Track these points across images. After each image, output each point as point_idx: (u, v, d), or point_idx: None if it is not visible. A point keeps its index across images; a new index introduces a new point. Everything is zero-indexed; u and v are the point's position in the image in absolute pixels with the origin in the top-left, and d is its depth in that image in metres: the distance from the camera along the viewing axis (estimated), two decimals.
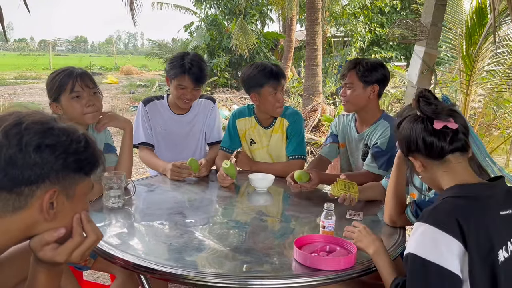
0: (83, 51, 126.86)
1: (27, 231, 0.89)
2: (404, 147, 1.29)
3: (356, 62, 2.18)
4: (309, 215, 1.79)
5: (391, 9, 14.97)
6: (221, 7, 15.35)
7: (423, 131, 1.22)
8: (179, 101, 2.43)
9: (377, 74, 2.15)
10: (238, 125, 2.50)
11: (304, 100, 8.56)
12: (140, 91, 15.32)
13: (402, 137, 1.29)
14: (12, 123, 0.85)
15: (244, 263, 1.32)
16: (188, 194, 2.01)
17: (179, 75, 2.32)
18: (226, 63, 13.76)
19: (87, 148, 0.92)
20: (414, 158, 1.27)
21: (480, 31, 4.10)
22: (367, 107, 2.20)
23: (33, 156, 0.83)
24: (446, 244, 1.06)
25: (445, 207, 1.15)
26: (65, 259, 0.92)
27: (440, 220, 1.09)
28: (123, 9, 6.39)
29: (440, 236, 1.07)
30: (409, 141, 1.26)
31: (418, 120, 1.25)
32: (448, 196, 1.17)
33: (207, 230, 1.58)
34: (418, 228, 1.12)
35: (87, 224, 0.95)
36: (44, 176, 0.85)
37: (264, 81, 2.26)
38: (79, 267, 1.86)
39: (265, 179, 2.10)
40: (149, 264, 1.28)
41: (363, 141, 2.24)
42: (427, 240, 1.09)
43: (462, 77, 4.41)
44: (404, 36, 3.24)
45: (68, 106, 1.87)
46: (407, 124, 1.27)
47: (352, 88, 2.16)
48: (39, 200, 0.86)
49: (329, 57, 13.75)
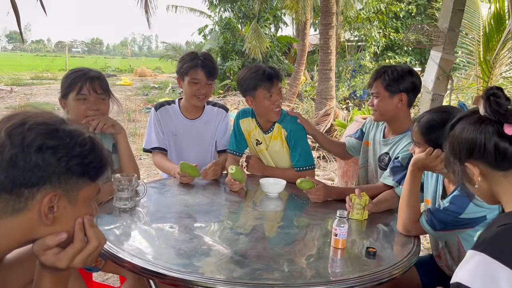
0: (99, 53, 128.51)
1: (29, 234, 0.87)
2: (463, 151, 1.11)
3: (382, 71, 2.12)
4: (320, 221, 1.76)
5: (406, 14, 14.83)
6: (235, 10, 15.40)
7: (495, 135, 1.05)
8: (193, 99, 2.41)
9: (404, 82, 2.07)
10: (242, 125, 2.46)
11: (317, 105, 8.52)
12: (154, 93, 15.43)
13: (461, 140, 1.10)
14: (16, 123, 0.83)
15: (254, 270, 1.29)
16: (199, 198, 2.00)
17: (192, 68, 2.32)
18: (239, 67, 13.80)
19: (92, 151, 0.89)
20: (473, 164, 1.10)
21: (498, 37, 4.04)
22: (396, 116, 2.13)
23: (34, 158, 0.81)
24: (506, 279, 0.91)
25: (507, 236, 0.98)
26: (67, 264, 0.89)
27: (501, 251, 0.94)
28: (139, 11, 6.46)
29: (501, 270, 0.92)
30: (473, 144, 1.08)
31: (485, 122, 1.07)
32: (511, 224, 1.00)
33: (217, 235, 1.57)
34: (473, 257, 0.96)
35: (89, 229, 0.92)
36: (45, 178, 0.83)
37: (257, 84, 2.21)
38: (89, 269, 1.86)
39: (277, 184, 2.08)
40: (157, 269, 1.26)
41: (386, 147, 2.19)
42: (485, 273, 0.94)
43: (479, 83, 4.34)
44: (419, 41, 3.19)
45: (73, 106, 1.91)
46: (469, 126, 1.09)
47: (379, 97, 2.11)
48: (38, 203, 0.83)
49: (342, 61, 13.68)
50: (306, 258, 1.42)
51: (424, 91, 3.24)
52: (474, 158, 1.09)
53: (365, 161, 2.38)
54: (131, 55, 63.99)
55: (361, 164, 2.43)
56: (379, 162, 2.21)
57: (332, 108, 7.91)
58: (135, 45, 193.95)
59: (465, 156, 1.11)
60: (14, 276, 1.15)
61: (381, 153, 2.22)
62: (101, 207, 1.78)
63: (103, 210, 1.74)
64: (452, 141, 1.14)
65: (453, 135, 1.13)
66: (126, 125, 8.56)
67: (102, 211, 1.73)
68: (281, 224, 1.76)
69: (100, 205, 1.79)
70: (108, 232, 1.53)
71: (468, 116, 1.12)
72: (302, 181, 1.97)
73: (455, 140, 1.13)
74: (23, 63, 35.16)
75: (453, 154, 1.14)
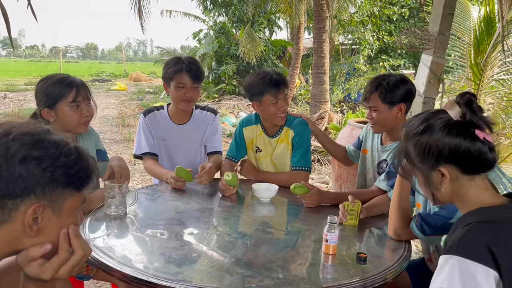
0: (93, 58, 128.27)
1: (12, 246, 0.86)
2: (440, 156, 1.10)
3: (377, 83, 2.08)
4: (312, 227, 1.76)
5: (399, 17, 14.92)
6: (229, 15, 15.44)
7: (467, 139, 1.07)
8: (180, 104, 2.41)
9: (401, 92, 2.05)
10: (245, 133, 2.49)
11: (311, 108, 8.55)
12: (148, 98, 15.40)
13: (433, 143, 1.11)
14: (0, 133, 0.82)
15: (244, 278, 1.29)
16: (190, 204, 1.99)
17: (177, 73, 2.34)
18: (233, 71, 13.82)
19: (78, 162, 0.88)
20: (445, 168, 1.10)
21: (489, 40, 4.07)
22: (395, 126, 2.12)
23: (18, 169, 0.80)
24: (484, 276, 0.94)
25: (474, 235, 1.02)
26: (51, 275, 0.88)
27: (472, 250, 0.97)
28: (133, 16, 6.45)
29: (476, 268, 0.95)
30: (456, 149, 1.08)
31: (458, 126, 1.09)
32: (474, 222, 1.04)
33: (207, 241, 1.56)
34: (447, 261, 0.99)
35: (74, 239, 0.90)
36: (29, 189, 0.82)
37: (264, 90, 2.24)
38: (81, 277, 1.84)
39: (269, 189, 2.08)
40: (147, 277, 1.25)
41: (384, 154, 2.20)
42: (461, 274, 0.96)
43: (470, 86, 4.36)
44: (412, 44, 3.22)
45: (65, 114, 1.88)
46: (443, 129, 1.10)
47: (378, 110, 2.09)
48: (22, 215, 0.82)
49: (336, 64, 13.73)
50: (298, 265, 1.41)
51: (416, 95, 3.26)
52: (449, 163, 1.10)
53: (364, 168, 2.40)
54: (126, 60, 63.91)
55: (359, 172, 2.44)
56: (378, 169, 2.22)
57: (326, 112, 7.93)
58: (130, 50, 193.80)
59: (436, 160, 1.11)
60: (2, 285, 1.14)
61: (380, 160, 2.23)
62: (91, 214, 1.77)
63: (93, 217, 1.73)
64: (425, 145, 1.13)
65: (429, 140, 1.12)
66: (120, 130, 8.54)
67: (92, 218, 1.72)
68: (273, 230, 1.75)
69: (91, 213, 1.78)
70: (98, 239, 1.52)
71: (440, 120, 1.12)
72: (296, 186, 1.97)
73: (430, 145, 1.12)
74: (17, 68, 35.00)
75: (423, 159, 1.14)
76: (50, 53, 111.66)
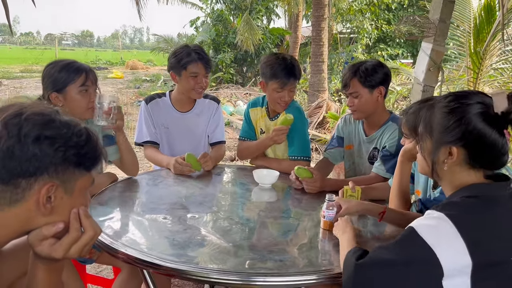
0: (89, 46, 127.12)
1: (25, 225, 0.87)
2: (458, 134, 1.09)
3: (355, 69, 2.10)
4: (313, 212, 1.78)
5: (398, 6, 14.86)
6: (227, 2, 15.30)
7: (497, 134, 1.08)
8: (192, 93, 2.40)
9: (379, 75, 2.08)
10: (251, 114, 2.57)
11: (310, 97, 8.54)
12: (145, 86, 15.34)
13: (464, 122, 1.09)
14: (12, 113, 0.83)
15: (247, 260, 1.31)
16: (192, 189, 2.00)
17: (191, 62, 2.32)
18: (231, 59, 13.74)
19: (88, 142, 0.90)
20: (457, 149, 1.10)
21: (488, 29, 4.07)
22: (375, 111, 2.14)
23: (32, 148, 0.81)
24: (448, 236, 0.99)
25: (464, 203, 1.06)
26: (62, 255, 0.89)
27: (454, 214, 1.01)
28: (129, 3, 6.39)
29: (447, 226, 0.99)
30: (473, 132, 1.08)
31: (496, 119, 1.08)
32: (464, 196, 1.08)
33: (210, 225, 1.58)
34: (430, 213, 1.06)
35: (85, 219, 0.92)
36: (43, 169, 0.83)
37: (274, 75, 2.26)
38: (83, 261, 1.86)
39: (270, 175, 2.09)
40: (152, 259, 1.27)
41: (372, 144, 2.20)
42: (432, 223, 1.02)
43: (469, 75, 4.38)
44: (411, 33, 3.21)
45: (74, 98, 1.87)
46: (480, 115, 1.08)
47: (358, 96, 2.10)
48: (36, 194, 0.84)
49: (335, 53, 13.69)
50: (298, 248, 1.43)
51: (415, 83, 3.26)
52: (465, 146, 1.10)
53: (351, 163, 2.37)
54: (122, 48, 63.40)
55: (347, 168, 2.41)
56: (370, 159, 2.22)
57: (324, 100, 7.94)
58: (126, 37, 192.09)
59: (460, 141, 1.10)
60: (8, 268, 1.16)
61: (370, 149, 2.22)
62: (95, 198, 1.78)
63: (96, 202, 1.75)
64: (455, 121, 1.10)
65: (462, 118, 1.09)
66: None
67: (95, 202, 1.73)
68: (274, 214, 1.77)
69: (94, 197, 1.79)
70: (102, 223, 1.53)
71: (476, 104, 1.10)
72: (300, 168, 1.98)
73: (461, 122, 1.09)
74: (12, 55, 34.69)
75: (446, 132, 1.12)
76: (46, 41, 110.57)
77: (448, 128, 1.11)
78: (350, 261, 1.11)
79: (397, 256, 1.01)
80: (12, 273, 1.16)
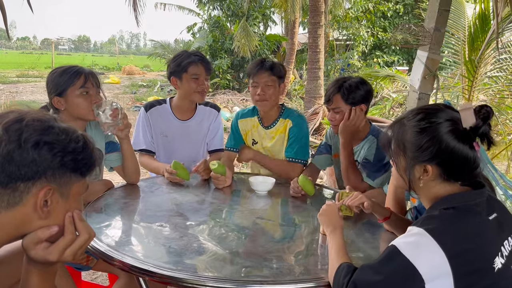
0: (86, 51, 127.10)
1: (21, 229, 0.88)
2: (432, 153, 1.12)
3: (338, 85, 2.12)
4: (309, 219, 1.78)
5: (393, 14, 14.98)
6: (224, 9, 15.38)
7: (470, 149, 1.10)
8: (194, 96, 2.40)
9: (361, 92, 2.10)
10: (240, 125, 2.53)
11: (306, 103, 8.57)
12: (142, 91, 15.33)
13: (436, 142, 1.11)
14: (13, 119, 0.85)
15: (243, 267, 1.31)
16: (189, 196, 2.00)
17: (191, 64, 2.34)
18: (228, 65, 13.78)
19: (85, 148, 0.92)
20: (431, 167, 1.13)
21: (483, 37, 4.11)
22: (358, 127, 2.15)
23: (31, 153, 0.83)
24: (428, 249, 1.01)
25: (442, 215, 1.09)
26: (57, 257, 0.90)
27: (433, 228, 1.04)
28: (127, 9, 6.41)
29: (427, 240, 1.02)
30: (446, 151, 1.11)
31: (466, 135, 1.10)
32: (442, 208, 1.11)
33: (206, 232, 1.58)
34: (411, 229, 1.09)
35: (79, 222, 0.94)
36: (41, 173, 0.85)
37: (249, 72, 2.36)
38: (80, 268, 1.85)
39: (266, 183, 2.10)
40: (148, 267, 1.27)
41: (355, 155, 2.22)
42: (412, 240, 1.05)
43: (464, 83, 4.41)
44: (407, 41, 3.23)
45: (75, 101, 1.88)
46: (451, 134, 1.11)
47: (340, 111, 2.12)
48: (34, 197, 0.85)
49: (331, 60, 13.77)
50: (295, 255, 1.44)
51: (411, 90, 3.28)
52: (438, 164, 1.12)
53: (339, 171, 2.36)
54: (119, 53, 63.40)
55: (337, 175, 2.45)
56: None
57: (321, 107, 7.96)
58: (123, 43, 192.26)
59: (434, 160, 1.12)
60: (1, 275, 1.15)
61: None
62: (90, 205, 1.77)
63: (92, 209, 1.74)
64: (427, 141, 1.13)
65: (432, 137, 1.12)
66: None
67: (91, 209, 1.73)
68: (270, 221, 1.78)
69: (89, 204, 1.78)
70: (98, 230, 1.53)
71: (445, 122, 1.12)
72: (305, 181, 1.98)
73: (432, 143, 1.12)
74: (8, 60, 34.61)
75: (418, 152, 1.14)
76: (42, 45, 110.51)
77: (421, 147, 1.13)
78: (340, 281, 1.13)
79: (382, 276, 1.04)
80: (5, 280, 1.16)
